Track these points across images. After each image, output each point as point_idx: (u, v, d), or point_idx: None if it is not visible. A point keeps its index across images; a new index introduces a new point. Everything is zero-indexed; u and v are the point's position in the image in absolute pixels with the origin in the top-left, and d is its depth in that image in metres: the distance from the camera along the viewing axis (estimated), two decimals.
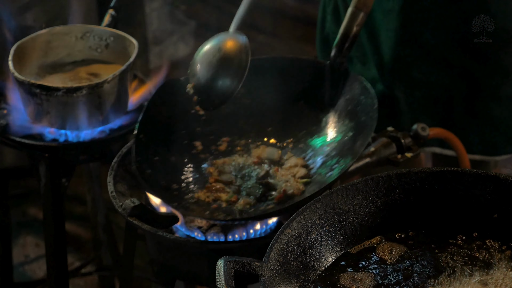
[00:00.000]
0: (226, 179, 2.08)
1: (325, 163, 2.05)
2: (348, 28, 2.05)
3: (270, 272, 1.56)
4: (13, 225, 2.99)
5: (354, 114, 2.06)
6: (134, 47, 2.44)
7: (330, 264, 1.66)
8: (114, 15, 2.60)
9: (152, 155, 2.07)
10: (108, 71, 2.46)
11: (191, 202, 2.02)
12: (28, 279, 3.50)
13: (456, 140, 2.45)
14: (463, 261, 1.64)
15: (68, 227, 3.06)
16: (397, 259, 1.66)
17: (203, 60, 2.09)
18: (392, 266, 1.65)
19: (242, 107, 2.19)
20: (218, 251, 1.91)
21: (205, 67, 2.08)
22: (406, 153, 2.32)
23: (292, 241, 1.63)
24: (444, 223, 1.72)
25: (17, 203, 3.72)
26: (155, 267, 2.08)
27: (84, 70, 2.51)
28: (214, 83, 2.06)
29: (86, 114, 2.36)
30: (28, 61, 2.47)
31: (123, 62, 2.43)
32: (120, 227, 3.29)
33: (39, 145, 2.40)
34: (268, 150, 2.15)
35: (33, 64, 2.49)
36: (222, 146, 2.17)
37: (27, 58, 2.47)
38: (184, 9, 5.01)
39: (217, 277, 1.51)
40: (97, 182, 2.98)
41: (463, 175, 1.71)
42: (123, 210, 1.97)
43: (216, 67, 2.07)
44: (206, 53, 2.10)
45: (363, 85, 2.04)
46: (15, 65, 2.38)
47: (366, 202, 1.73)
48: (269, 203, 2.01)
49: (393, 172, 1.73)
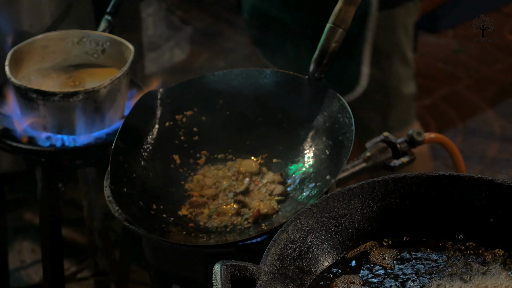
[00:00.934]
0: (209, 194, 2.07)
1: (302, 181, 2.05)
2: (326, 45, 2.04)
3: (266, 276, 1.56)
4: (9, 230, 2.99)
5: (331, 132, 2.05)
6: (131, 52, 2.45)
7: (326, 268, 1.67)
8: (110, 20, 2.61)
9: (129, 172, 2.05)
10: (105, 74, 2.46)
11: (169, 222, 2.01)
12: (24, 284, 3.50)
13: (451, 145, 2.46)
14: (459, 266, 1.65)
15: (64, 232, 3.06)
16: (393, 264, 1.66)
17: None
18: (388, 271, 1.65)
19: (221, 119, 2.17)
20: (215, 255, 1.91)
21: None
22: (401, 158, 2.33)
23: (288, 245, 1.63)
24: (440, 227, 1.72)
25: (13, 208, 3.72)
26: (152, 272, 2.08)
27: (80, 73, 2.51)
28: None
29: (83, 119, 2.37)
30: (24, 66, 2.47)
31: (120, 67, 2.43)
32: (116, 232, 3.28)
33: (35, 150, 2.40)
34: (246, 163, 2.13)
35: (29, 69, 2.49)
36: (201, 160, 2.16)
37: (23, 63, 2.47)
38: (180, 14, 5.02)
39: (213, 281, 1.51)
40: (93, 187, 2.98)
41: (459, 179, 1.72)
42: (119, 215, 1.97)
43: None
44: None
45: (341, 103, 2.03)
46: (12, 70, 2.39)
47: (362, 207, 1.73)
48: (245, 222, 2.00)
49: (389, 177, 1.74)
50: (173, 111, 2.16)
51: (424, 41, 5.02)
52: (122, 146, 2.05)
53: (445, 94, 4.68)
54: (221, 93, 2.17)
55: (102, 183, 2.07)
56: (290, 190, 2.05)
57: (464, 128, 4.44)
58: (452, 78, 4.81)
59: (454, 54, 4.99)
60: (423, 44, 4.99)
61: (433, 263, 1.66)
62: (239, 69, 2.18)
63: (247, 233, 1.94)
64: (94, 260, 3.18)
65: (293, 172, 2.08)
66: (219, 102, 2.17)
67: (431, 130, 4.20)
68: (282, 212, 2.00)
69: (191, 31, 4.83)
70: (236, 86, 2.16)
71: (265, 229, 1.92)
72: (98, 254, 3.15)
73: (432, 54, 4.98)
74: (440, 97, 4.66)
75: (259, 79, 2.16)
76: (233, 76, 2.16)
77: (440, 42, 5.07)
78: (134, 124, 2.10)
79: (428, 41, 5.05)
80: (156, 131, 2.14)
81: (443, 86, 4.75)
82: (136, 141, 2.10)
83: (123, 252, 2.55)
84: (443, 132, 4.31)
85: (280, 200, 2.03)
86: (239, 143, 2.16)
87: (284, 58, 3.13)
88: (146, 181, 2.06)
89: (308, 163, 2.07)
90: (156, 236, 1.91)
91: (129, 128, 2.09)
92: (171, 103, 2.16)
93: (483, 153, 4.25)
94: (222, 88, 2.17)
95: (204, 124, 2.17)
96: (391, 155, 2.33)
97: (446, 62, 4.94)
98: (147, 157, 2.10)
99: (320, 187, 1.97)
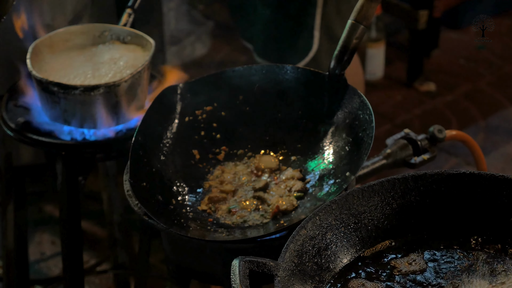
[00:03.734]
0: (228, 189, 2.07)
1: (322, 177, 2.04)
2: (348, 41, 2.03)
3: (285, 273, 1.56)
4: (29, 222, 3.00)
5: (352, 129, 2.04)
6: (151, 46, 2.45)
7: (345, 265, 1.66)
8: (132, 14, 2.61)
9: (148, 167, 2.05)
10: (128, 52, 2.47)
11: (188, 217, 2.01)
12: (44, 276, 3.51)
13: (473, 142, 2.45)
14: (480, 265, 1.64)
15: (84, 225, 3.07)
16: (412, 262, 1.66)
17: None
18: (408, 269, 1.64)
19: (240, 115, 2.17)
20: (233, 250, 1.91)
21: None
22: (422, 155, 2.32)
23: (307, 242, 1.63)
24: (460, 226, 1.72)
25: (34, 200, 3.73)
26: (170, 266, 2.09)
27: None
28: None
29: (103, 113, 2.37)
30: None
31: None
32: (136, 225, 3.29)
33: (56, 143, 2.41)
34: (266, 159, 2.13)
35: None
36: (220, 155, 2.16)
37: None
38: (201, 9, 5.02)
39: (232, 277, 1.51)
40: (113, 180, 2.99)
41: (480, 178, 1.71)
42: (139, 209, 1.97)
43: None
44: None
45: (362, 100, 2.03)
46: (33, 63, 2.39)
47: (382, 204, 1.73)
48: (264, 219, 2.00)
49: (409, 174, 1.73)
50: (193, 106, 2.16)
51: (446, 38, 5.00)
52: (142, 140, 2.05)
53: (466, 91, 4.66)
54: (241, 89, 2.17)
55: (122, 177, 2.08)
56: (309, 186, 2.05)
57: (485, 125, 4.41)
58: (474, 75, 4.78)
59: (476, 51, 4.96)
60: (445, 41, 4.97)
61: (454, 262, 1.65)
62: (259, 64, 2.18)
63: (266, 229, 1.94)
64: (113, 254, 3.19)
65: (312, 169, 2.08)
66: (239, 97, 2.17)
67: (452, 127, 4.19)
68: (301, 208, 1.99)
69: (212, 26, 4.83)
70: (256, 82, 2.16)
71: (284, 225, 1.92)
72: (117, 248, 3.16)
73: (454, 50, 4.96)
74: (461, 94, 4.64)
75: (279, 75, 2.16)
76: (253, 72, 2.16)
77: (462, 38, 5.05)
78: (154, 119, 2.10)
79: (450, 38, 5.02)
80: (176, 126, 2.14)
81: (464, 83, 4.72)
82: (156, 136, 2.10)
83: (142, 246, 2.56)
84: (464, 129, 4.29)
85: (299, 197, 2.03)
86: (259, 139, 2.16)
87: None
88: (166, 176, 2.07)
89: (327, 160, 2.06)
90: (175, 230, 1.91)
91: (149, 123, 2.09)
92: (191, 98, 2.16)
93: (504, 151, 4.23)
94: (242, 84, 2.17)
95: (224, 120, 2.17)
96: (411, 152, 2.32)
97: (468, 59, 4.91)
98: (167, 152, 2.10)
99: (339, 183, 1.97)
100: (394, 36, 4.99)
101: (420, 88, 4.67)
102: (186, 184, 2.08)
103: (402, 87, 4.70)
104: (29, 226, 2.95)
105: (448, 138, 2.38)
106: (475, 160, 2.48)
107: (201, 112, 2.16)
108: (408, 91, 4.67)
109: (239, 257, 1.54)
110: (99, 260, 3.41)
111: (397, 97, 4.63)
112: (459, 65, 4.87)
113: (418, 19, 4.52)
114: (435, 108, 4.53)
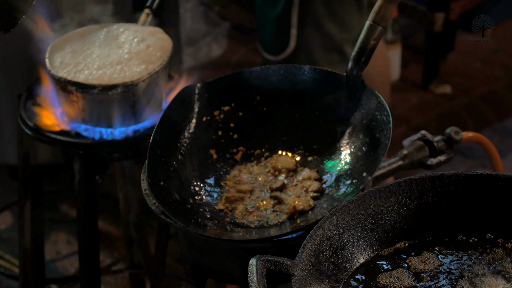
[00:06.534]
0: (245, 189, 2.08)
1: (339, 177, 2.05)
2: (365, 42, 2.03)
3: (302, 272, 1.56)
4: (46, 221, 3.01)
5: (369, 129, 2.05)
6: (170, 46, 2.46)
7: (362, 265, 1.66)
8: (150, 14, 2.62)
9: (166, 166, 2.06)
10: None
11: (205, 216, 2.02)
12: (59, 275, 3.53)
13: (489, 144, 2.44)
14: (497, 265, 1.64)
15: (100, 224, 3.08)
16: (430, 263, 1.66)
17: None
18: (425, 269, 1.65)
19: (258, 115, 2.18)
20: (250, 250, 1.91)
21: None
22: (439, 157, 2.32)
23: (324, 242, 1.63)
24: (477, 226, 1.72)
25: (51, 199, 3.75)
26: (187, 265, 2.09)
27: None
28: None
29: (121, 112, 2.38)
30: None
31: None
32: (152, 225, 3.30)
33: (73, 142, 2.42)
34: (283, 159, 2.14)
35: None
36: (237, 155, 2.17)
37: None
38: (218, 10, 5.03)
39: (249, 276, 1.52)
40: (130, 180, 3.00)
41: (497, 179, 1.71)
42: (156, 208, 1.98)
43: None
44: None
45: (379, 100, 2.03)
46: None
47: (399, 205, 1.73)
48: (280, 218, 2.01)
49: (427, 175, 1.73)
50: (210, 106, 2.17)
51: (462, 40, 4.99)
52: (159, 140, 2.06)
53: (482, 93, 4.65)
54: (258, 89, 2.17)
55: (139, 176, 2.09)
56: (326, 186, 2.05)
57: (501, 127, 4.41)
58: (490, 77, 4.77)
59: (492, 54, 4.95)
60: (461, 43, 4.96)
61: (470, 262, 1.65)
62: (276, 65, 2.19)
63: (283, 229, 1.94)
64: (130, 253, 3.20)
65: (329, 169, 2.08)
66: (256, 98, 2.18)
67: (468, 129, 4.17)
68: (317, 208, 2.00)
69: (228, 27, 4.84)
70: (274, 82, 2.17)
71: (300, 225, 1.93)
72: (134, 247, 3.17)
73: (470, 53, 4.95)
74: (477, 96, 4.63)
75: (297, 76, 2.16)
76: (271, 72, 2.16)
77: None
78: (171, 118, 2.11)
79: (466, 40, 5.01)
80: (193, 125, 2.15)
81: (481, 85, 4.71)
82: (173, 135, 2.11)
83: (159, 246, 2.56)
84: (480, 131, 4.28)
85: (316, 197, 2.03)
86: (276, 139, 2.16)
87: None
88: (183, 175, 2.07)
89: (344, 160, 2.07)
90: (192, 229, 1.92)
91: (167, 122, 2.10)
92: (208, 98, 2.17)
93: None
94: (259, 84, 2.18)
95: (241, 120, 2.17)
96: (428, 153, 2.32)
97: (484, 61, 4.90)
98: (184, 152, 2.11)
99: (356, 184, 1.97)
100: (410, 39, 4.98)
101: (436, 90, 4.66)
102: (203, 184, 2.09)
103: (418, 90, 4.69)
104: (45, 225, 2.96)
105: (465, 140, 2.38)
106: (491, 162, 2.48)
107: (218, 112, 2.17)
108: (424, 94, 4.66)
109: (257, 256, 1.55)
110: (115, 259, 3.42)
111: (413, 100, 4.62)
112: (475, 67, 4.86)
113: (435, 22, 4.52)
114: (451, 111, 4.52)
